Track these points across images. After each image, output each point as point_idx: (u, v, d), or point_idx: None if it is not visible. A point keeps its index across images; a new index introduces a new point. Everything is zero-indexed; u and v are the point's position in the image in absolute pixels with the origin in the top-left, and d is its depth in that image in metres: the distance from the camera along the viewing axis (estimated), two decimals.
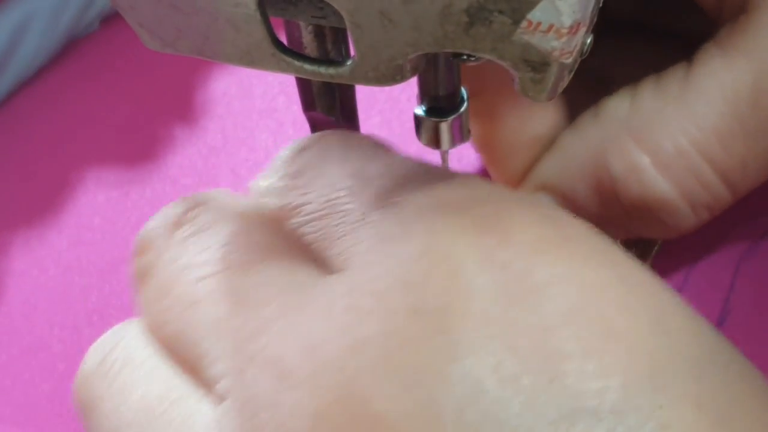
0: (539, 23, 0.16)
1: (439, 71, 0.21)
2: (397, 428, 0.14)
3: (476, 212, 0.17)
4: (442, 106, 0.22)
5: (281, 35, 0.19)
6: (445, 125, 0.22)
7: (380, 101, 0.35)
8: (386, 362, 0.15)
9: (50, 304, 0.33)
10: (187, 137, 0.37)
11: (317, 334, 0.16)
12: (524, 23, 0.16)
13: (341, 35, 0.19)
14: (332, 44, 0.19)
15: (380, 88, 0.33)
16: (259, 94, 0.37)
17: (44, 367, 0.31)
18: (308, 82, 0.21)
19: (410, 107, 0.35)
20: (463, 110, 0.22)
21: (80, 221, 0.35)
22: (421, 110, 0.23)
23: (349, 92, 0.22)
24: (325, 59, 0.19)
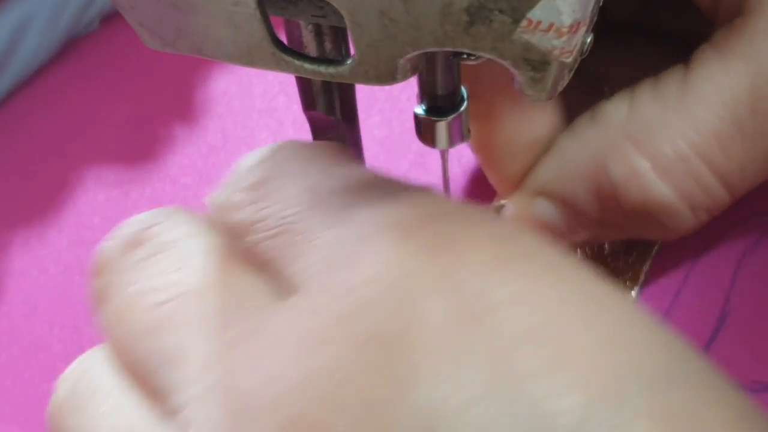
0: (539, 22, 0.16)
1: (439, 70, 0.21)
2: None
3: (428, 232, 0.17)
4: (441, 105, 0.22)
5: (281, 34, 0.19)
6: (444, 124, 0.22)
7: (380, 100, 0.35)
8: (340, 395, 0.15)
9: (50, 303, 0.33)
10: (187, 137, 0.37)
11: (272, 365, 0.16)
12: (524, 22, 0.16)
13: (341, 34, 0.19)
14: (332, 43, 0.19)
15: (380, 87, 0.33)
16: (259, 93, 0.37)
17: (44, 366, 0.31)
18: (308, 81, 0.21)
19: (410, 106, 0.35)
20: (463, 110, 0.22)
21: (80, 220, 0.35)
22: (420, 109, 0.23)
23: (349, 91, 0.22)
24: (325, 58, 0.19)
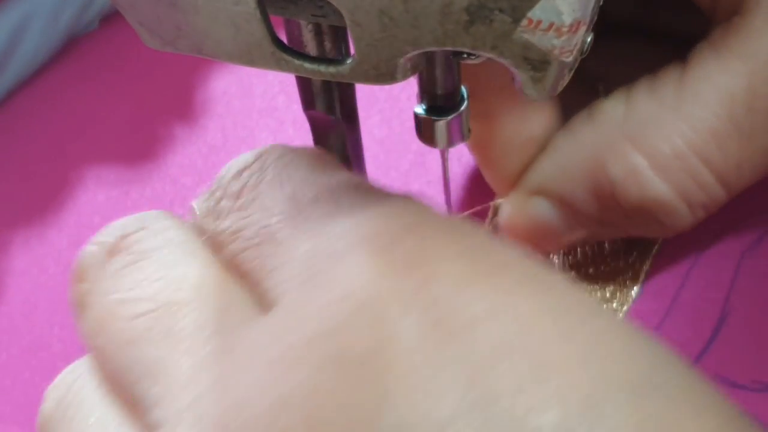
0: (539, 21, 0.16)
1: (439, 70, 0.21)
2: None
3: (403, 247, 0.16)
4: (442, 104, 0.22)
5: (281, 34, 0.19)
6: (444, 124, 0.22)
7: (380, 100, 0.35)
8: (313, 419, 0.15)
9: (50, 303, 0.33)
10: (187, 136, 0.37)
11: (246, 387, 0.16)
12: (524, 21, 0.16)
13: (341, 34, 0.19)
14: (332, 43, 0.19)
15: (380, 86, 0.33)
16: (259, 93, 0.37)
17: (44, 366, 0.31)
18: (308, 80, 0.21)
19: (410, 106, 0.35)
20: (463, 109, 0.22)
21: (80, 220, 0.35)
22: (421, 109, 0.23)
23: (349, 91, 0.22)
24: (325, 58, 0.19)
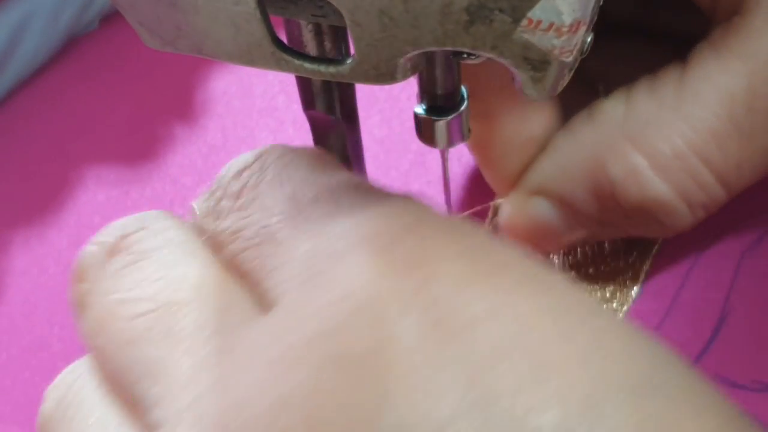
0: (539, 21, 0.16)
1: (439, 70, 0.21)
2: None
3: (403, 246, 0.16)
4: (442, 104, 0.22)
5: (281, 34, 0.19)
6: (444, 124, 0.22)
7: (380, 100, 0.35)
8: (313, 419, 0.15)
9: (50, 303, 0.33)
10: (187, 136, 0.36)
11: (246, 387, 0.16)
12: (524, 21, 0.16)
13: (341, 34, 0.19)
14: (332, 43, 0.19)
15: (380, 86, 0.33)
16: (259, 93, 0.37)
17: (44, 366, 0.31)
18: (308, 80, 0.21)
19: (410, 106, 0.35)
20: (463, 109, 0.22)
21: (80, 220, 0.35)
22: (421, 109, 0.23)
23: (349, 91, 0.22)
24: (325, 58, 0.19)
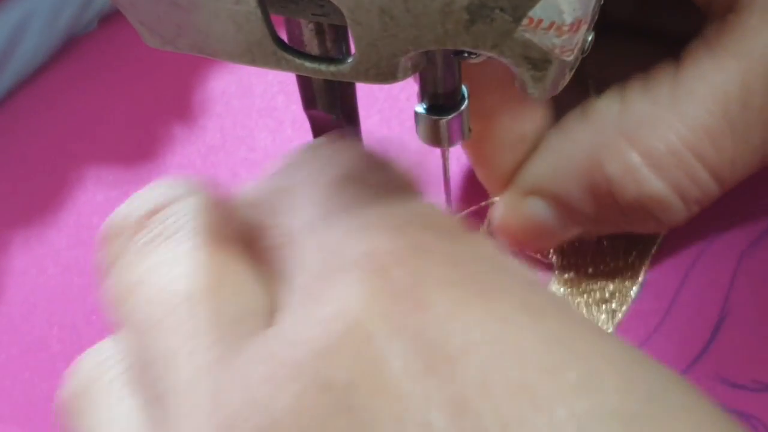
0: (540, 20, 0.16)
1: (439, 69, 0.21)
2: None
3: (403, 269, 0.16)
4: (442, 103, 0.22)
5: (282, 33, 0.19)
6: (445, 123, 0.22)
7: (380, 100, 0.35)
8: None
9: (49, 303, 0.32)
10: (186, 136, 0.36)
11: (239, 403, 0.15)
12: (525, 20, 0.16)
13: (342, 33, 0.19)
14: (333, 42, 0.19)
15: (380, 86, 0.33)
16: (258, 93, 0.37)
17: (44, 366, 0.31)
18: (309, 80, 0.21)
19: (409, 106, 0.35)
20: (463, 108, 0.22)
21: (79, 221, 0.35)
22: (421, 108, 0.23)
23: (349, 90, 0.22)
24: (325, 57, 0.19)
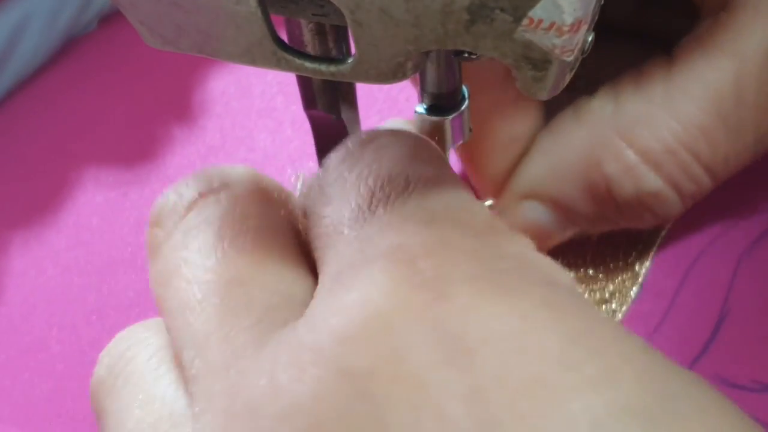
0: (540, 21, 0.16)
1: (439, 69, 0.21)
2: None
3: (429, 261, 0.16)
4: (442, 104, 0.22)
5: (282, 33, 0.19)
6: (444, 123, 0.22)
7: (379, 100, 0.35)
8: (316, 429, 0.14)
9: (49, 304, 0.32)
10: (185, 137, 0.36)
11: (260, 389, 0.16)
12: (525, 21, 0.16)
13: (342, 33, 0.19)
14: (333, 42, 0.19)
15: (379, 87, 0.33)
16: (257, 93, 0.37)
17: (43, 367, 0.31)
18: (309, 80, 0.21)
19: (409, 106, 0.35)
20: (464, 108, 0.22)
21: (79, 221, 0.35)
22: (422, 108, 0.23)
23: (349, 90, 0.22)
24: (325, 57, 0.19)
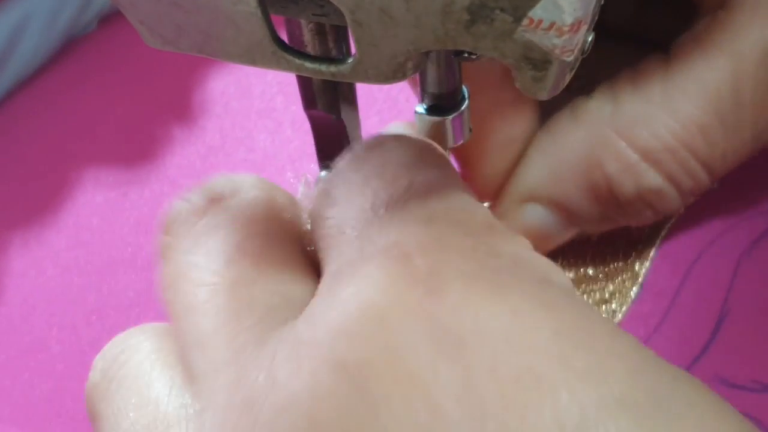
0: (540, 21, 0.16)
1: (439, 69, 0.21)
2: None
3: (425, 258, 0.16)
4: (442, 104, 0.22)
5: (282, 33, 0.19)
6: (445, 123, 0.22)
7: (379, 100, 0.35)
8: (315, 421, 0.15)
9: (49, 304, 0.32)
10: (185, 137, 0.36)
11: (258, 383, 0.16)
12: (525, 21, 0.16)
13: (342, 33, 0.19)
14: (333, 42, 0.19)
15: (378, 87, 0.33)
16: (257, 94, 0.37)
17: (43, 367, 0.31)
18: (309, 80, 0.21)
19: (409, 106, 0.35)
20: (464, 108, 0.22)
21: (78, 221, 0.35)
22: (422, 108, 0.23)
23: (349, 90, 0.22)
24: (325, 57, 0.19)
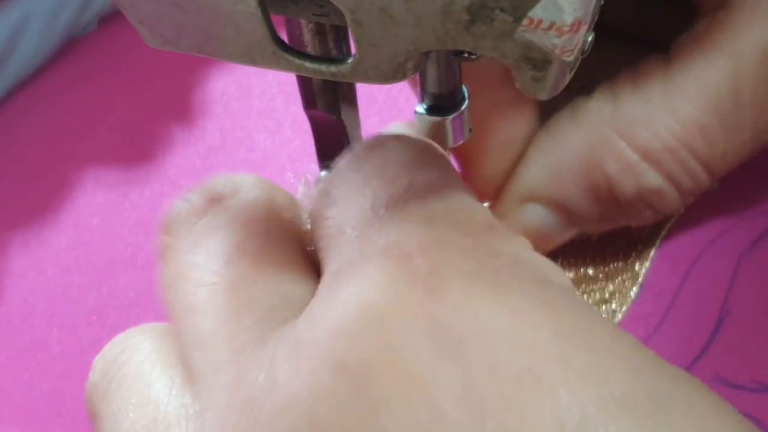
0: (540, 21, 0.16)
1: (439, 69, 0.21)
2: None
3: (425, 258, 0.16)
4: (442, 104, 0.22)
5: (282, 33, 0.19)
6: (445, 123, 0.22)
7: (379, 101, 0.35)
8: (315, 420, 0.15)
9: (49, 304, 0.32)
10: (185, 137, 0.36)
11: (258, 383, 0.16)
12: (525, 21, 0.16)
13: (342, 33, 0.19)
14: (333, 42, 0.19)
15: (378, 87, 0.33)
16: (257, 94, 0.37)
17: (43, 367, 0.31)
18: (309, 80, 0.21)
19: (409, 107, 0.35)
20: (464, 108, 0.22)
21: (79, 222, 0.35)
22: (421, 108, 0.23)
23: (350, 90, 0.22)
24: (326, 57, 0.19)
